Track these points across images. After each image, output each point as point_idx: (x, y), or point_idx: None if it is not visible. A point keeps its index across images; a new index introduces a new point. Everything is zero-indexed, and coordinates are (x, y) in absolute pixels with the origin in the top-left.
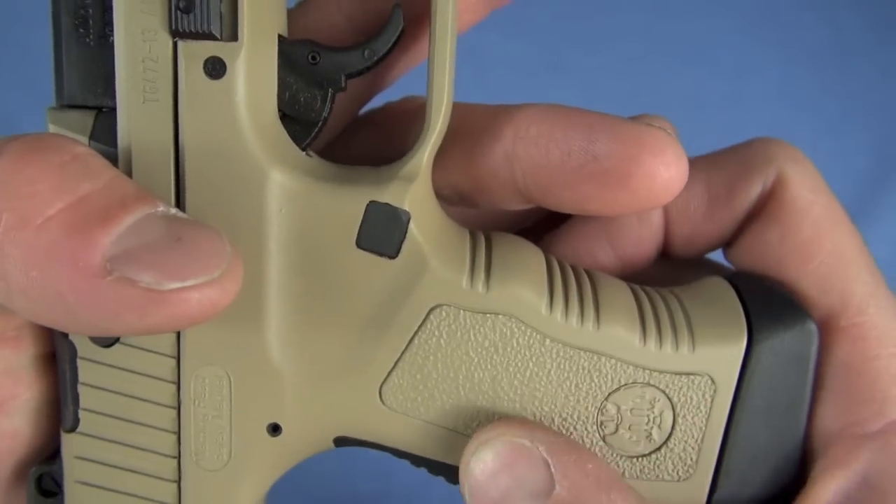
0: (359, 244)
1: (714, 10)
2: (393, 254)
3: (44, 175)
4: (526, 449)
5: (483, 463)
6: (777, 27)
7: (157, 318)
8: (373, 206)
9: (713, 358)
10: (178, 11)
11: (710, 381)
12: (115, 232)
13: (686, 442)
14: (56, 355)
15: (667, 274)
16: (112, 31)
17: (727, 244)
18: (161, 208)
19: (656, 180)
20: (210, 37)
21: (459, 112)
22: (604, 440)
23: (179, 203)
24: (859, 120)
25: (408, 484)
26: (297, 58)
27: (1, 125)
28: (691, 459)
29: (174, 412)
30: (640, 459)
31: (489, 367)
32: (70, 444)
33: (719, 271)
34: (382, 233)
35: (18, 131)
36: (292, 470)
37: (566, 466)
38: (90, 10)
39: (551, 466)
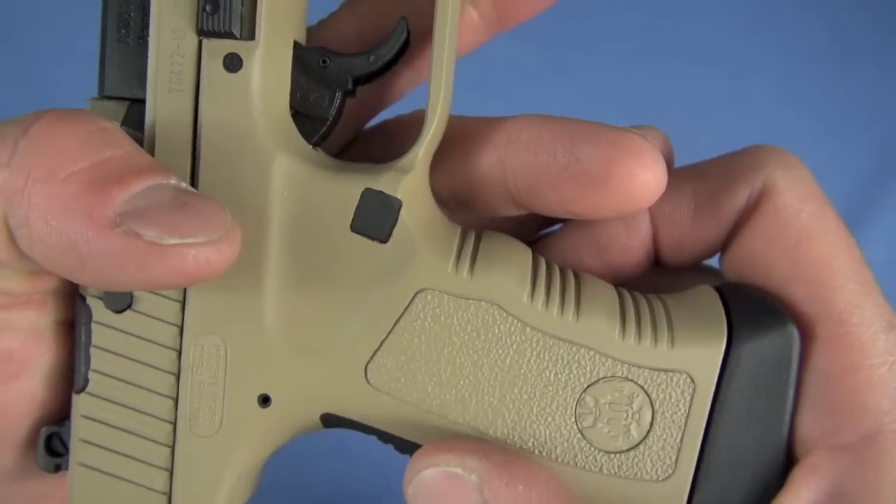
0: (353, 228)
1: (714, 11)
2: (384, 238)
3: (72, 138)
4: (458, 477)
5: (419, 495)
6: (777, 28)
7: (156, 271)
8: (367, 192)
9: (692, 356)
10: (205, 13)
11: (689, 380)
12: (128, 192)
13: (665, 440)
14: (74, 320)
15: (664, 282)
16: (149, 32)
17: (722, 251)
18: (173, 181)
19: (634, 182)
20: (230, 35)
21: (458, 123)
22: (581, 433)
23: (194, 178)
24: (859, 120)
25: None
26: (310, 61)
27: None
28: (670, 459)
29: (173, 378)
30: (618, 455)
31: (471, 352)
32: (78, 404)
33: (719, 279)
34: (375, 218)
35: None
36: (295, 470)
37: (497, 491)
38: (132, 14)
39: (483, 492)
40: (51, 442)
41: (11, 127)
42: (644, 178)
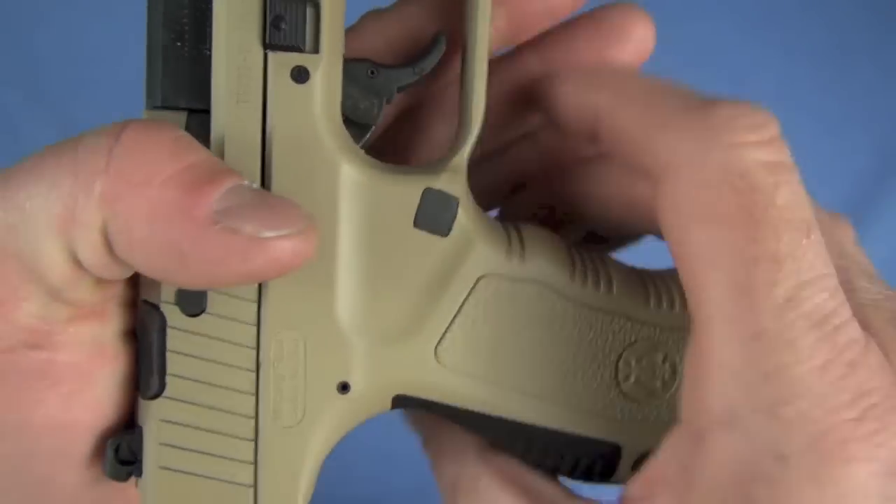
0: (416, 224)
1: (715, 11)
2: (445, 232)
3: (162, 144)
4: None
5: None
6: (777, 28)
7: (256, 263)
8: (428, 192)
9: None
10: (272, 28)
11: None
12: (220, 191)
13: None
14: (141, 328)
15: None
16: (206, 45)
17: None
18: (247, 182)
19: (649, 32)
20: (297, 49)
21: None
22: (620, 391)
23: (264, 187)
24: (859, 120)
25: (405, 488)
26: (358, 72)
27: (1, 125)
28: None
29: (253, 375)
30: (650, 407)
31: (527, 327)
32: (155, 409)
33: None
34: (436, 215)
35: (18, 131)
36: None
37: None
38: (186, 27)
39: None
40: (119, 451)
41: (100, 136)
42: (649, 28)
